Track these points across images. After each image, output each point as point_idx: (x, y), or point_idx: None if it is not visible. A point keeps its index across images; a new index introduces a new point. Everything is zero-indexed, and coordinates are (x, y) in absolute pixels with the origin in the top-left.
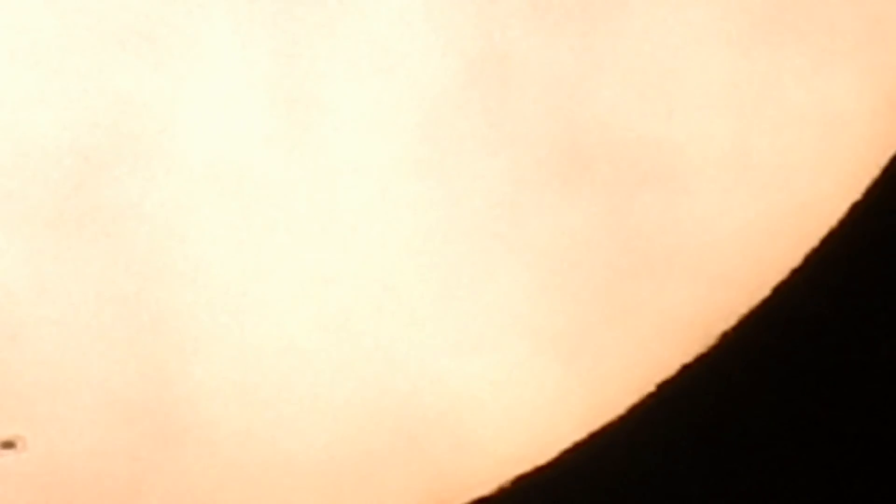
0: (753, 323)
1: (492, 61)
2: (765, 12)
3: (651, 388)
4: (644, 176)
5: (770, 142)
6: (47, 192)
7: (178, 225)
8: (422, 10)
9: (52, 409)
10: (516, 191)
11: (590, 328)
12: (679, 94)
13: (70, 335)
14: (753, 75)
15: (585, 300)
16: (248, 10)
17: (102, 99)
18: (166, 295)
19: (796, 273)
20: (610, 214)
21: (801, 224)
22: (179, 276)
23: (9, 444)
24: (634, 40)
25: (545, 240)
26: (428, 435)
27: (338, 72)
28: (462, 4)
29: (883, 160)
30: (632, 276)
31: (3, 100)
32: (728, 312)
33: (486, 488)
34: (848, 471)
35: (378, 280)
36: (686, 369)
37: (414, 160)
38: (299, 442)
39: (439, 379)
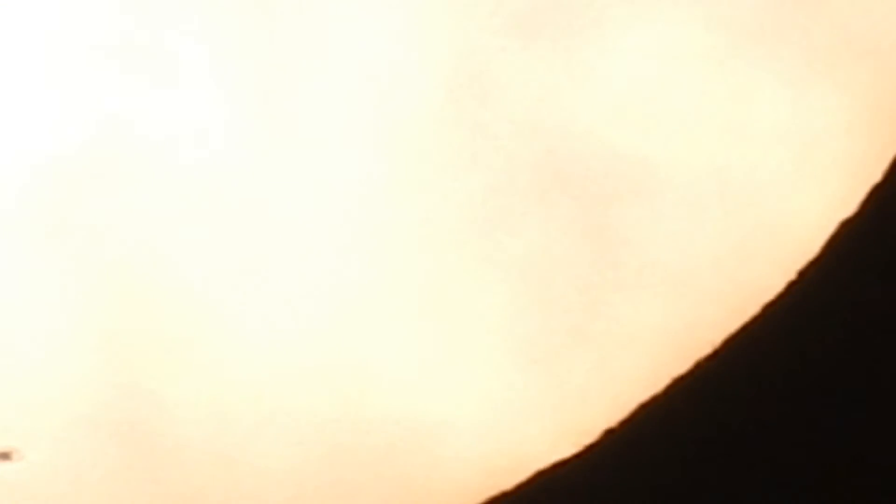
0: (737, 342)
1: (470, 77)
2: (743, 30)
3: (627, 403)
4: (622, 191)
5: (747, 158)
6: (28, 207)
7: (157, 240)
8: (399, 27)
9: (30, 422)
10: (493, 205)
11: (566, 343)
12: (657, 110)
13: (50, 348)
14: (731, 92)
15: (562, 315)
16: (228, 30)
17: (82, 115)
18: (144, 309)
19: (783, 294)
20: (588, 229)
21: (779, 241)
22: (157, 290)
23: (5, 456)
24: (612, 57)
25: (522, 254)
26: (403, 450)
27: (316, 88)
28: (439, 21)
29: (861, 177)
30: (609, 292)
31: None
32: (705, 329)
33: (462, 503)
34: (831, 497)
35: (353, 294)
36: (667, 390)
37: (391, 175)
38: (274, 457)
39: (415, 393)
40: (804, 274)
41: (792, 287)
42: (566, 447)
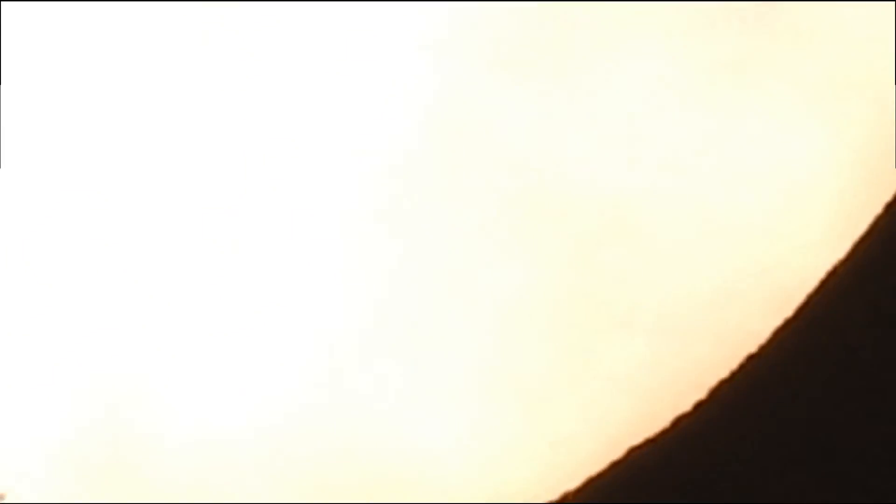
0: (728, 389)
1: (455, 113)
2: (732, 69)
3: (614, 445)
4: (609, 230)
5: (737, 198)
6: (29, 253)
7: (148, 278)
8: (384, 61)
9: (18, 462)
10: (476, 244)
11: (553, 384)
12: (641, 148)
13: (37, 387)
14: (720, 131)
15: (547, 356)
16: (217, 73)
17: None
18: (132, 348)
19: (773, 337)
20: (572, 269)
21: (768, 281)
22: (145, 328)
23: None
24: (596, 94)
25: (506, 294)
26: (391, 490)
27: (296, 120)
28: (425, 54)
29: (853, 218)
30: (595, 333)
31: None
32: (693, 370)
33: None
34: None
35: (337, 334)
36: (658, 437)
37: (373, 214)
38: (265, 497)
39: (399, 433)
40: (795, 316)
41: (782, 330)
42: (553, 489)
